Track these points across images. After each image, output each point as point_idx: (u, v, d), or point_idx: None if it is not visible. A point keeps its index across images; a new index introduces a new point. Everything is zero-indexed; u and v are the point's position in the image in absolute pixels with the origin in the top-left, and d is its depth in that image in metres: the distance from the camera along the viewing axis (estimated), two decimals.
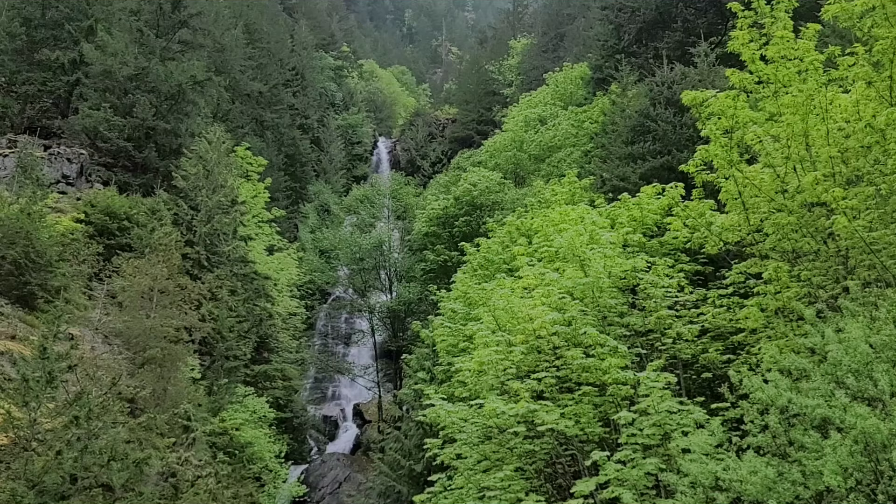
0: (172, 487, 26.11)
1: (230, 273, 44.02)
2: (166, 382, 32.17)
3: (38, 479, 20.29)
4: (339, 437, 54.58)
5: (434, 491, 23.79)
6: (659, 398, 18.63)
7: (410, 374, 39.52)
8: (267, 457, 40.99)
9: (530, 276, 23.71)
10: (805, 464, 13.43)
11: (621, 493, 18.07)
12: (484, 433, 22.60)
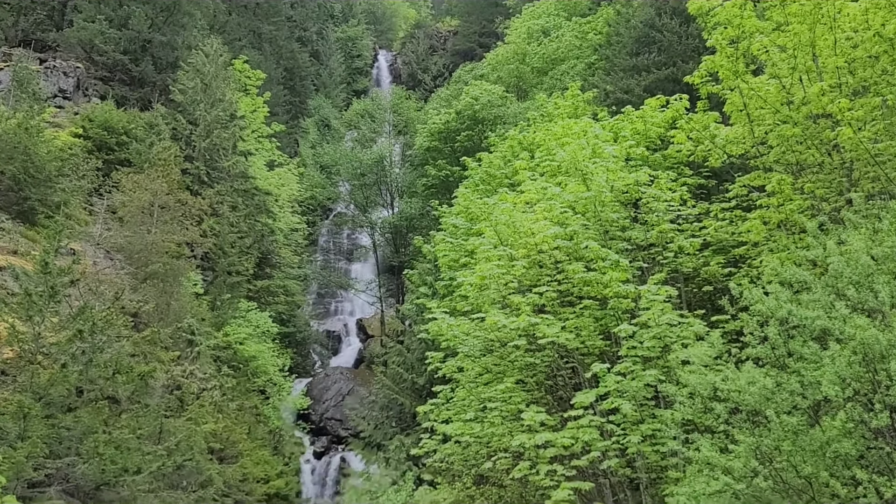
0: (178, 400, 26.54)
1: (231, 188, 43.94)
2: (169, 297, 32.42)
3: (44, 391, 20.60)
4: (342, 351, 55.16)
5: (436, 403, 24.18)
6: (660, 311, 18.76)
7: (412, 289, 39.81)
8: (271, 370, 41.55)
9: (532, 191, 23.63)
10: (803, 374, 13.58)
11: (621, 403, 18.35)
12: (485, 346, 22.83)
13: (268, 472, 33.51)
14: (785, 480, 13.90)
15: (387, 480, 30.61)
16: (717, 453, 14.51)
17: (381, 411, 38.87)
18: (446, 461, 24.47)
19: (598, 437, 18.63)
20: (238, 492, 29.79)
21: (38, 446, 19.26)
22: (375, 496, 29.11)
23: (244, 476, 30.80)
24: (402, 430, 36.57)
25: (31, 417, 19.69)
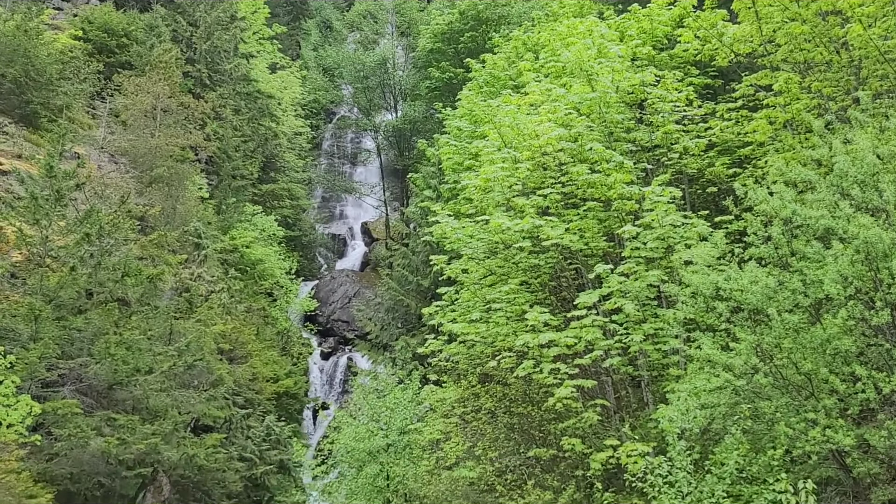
0: (187, 302, 26.78)
1: (233, 92, 43.45)
2: (175, 201, 32.42)
3: (54, 294, 20.77)
4: (347, 254, 55.44)
5: (441, 304, 24.37)
6: (663, 212, 18.71)
7: (417, 192, 39.71)
8: (278, 273, 41.83)
9: (536, 93, 23.31)
10: (806, 273, 13.62)
11: (623, 303, 18.49)
12: (489, 248, 22.88)
13: (277, 372, 34.07)
14: (785, 377, 14.08)
15: (393, 379, 31.09)
16: (718, 351, 14.67)
17: (386, 313, 39.26)
18: (451, 360, 24.82)
19: (600, 337, 18.83)
20: (248, 391, 30.35)
21: (50, 347, 19.53)
22: (382, 394, 29.60)
23: (254, 375, 31.32)
24: (408, 330, 37.01)
25: (42, 319, 19.91)
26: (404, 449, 26.95)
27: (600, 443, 18.77)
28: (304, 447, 31.56)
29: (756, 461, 15.11)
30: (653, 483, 14.90)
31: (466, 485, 22.41)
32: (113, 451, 19.38)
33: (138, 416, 20.96)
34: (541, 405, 20.65)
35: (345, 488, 27.51)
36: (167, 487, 22.86)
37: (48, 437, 19.28)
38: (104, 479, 20.03)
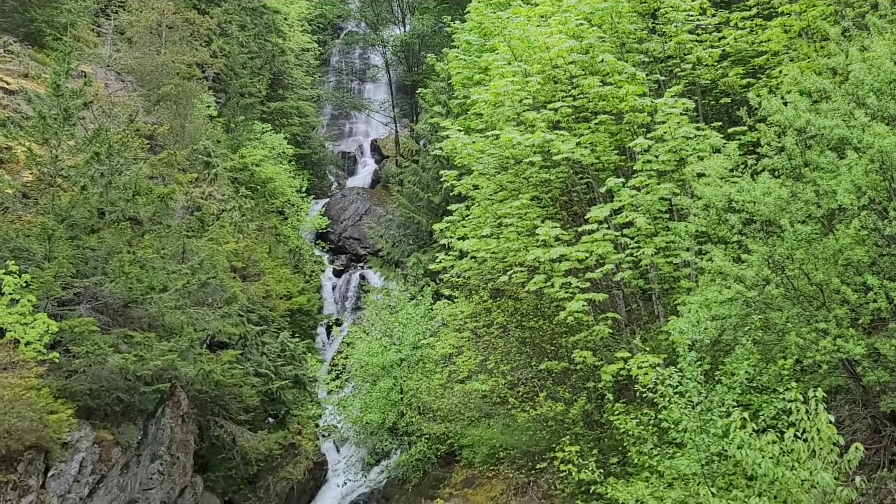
0: (198, 220, 26.81)
1: (238, 6, 42.78)
2: (183, 119, 32.21)
3: (66, 213, 20.82)
4: (357, 172, 55.30)
5: (452, 220, 24.40)
6: (676, 124, 18.51)
7: (426, 108, 39.35)
8: (288, 191, 41.81)
9: (547, 3, 22.84)
10: (819, 184, 13.51)
11: (635, 217, 18.44)
12: (500, 164, 22.76)
13: (290, 290, 34.33)
14: (796, 288, 14.11)
15: (405, 295, 31.35)
16: (729, 263, 14.68)
17: (398, 230, 39.35)
18: (463, 276, 24.96)
19: (611, 251, 18.86)
20: (262, 308, 30.63)
21: (64, 266, 19.66)
22: (395, 310, 29.89)
23: (267, 293, 31.57)
24: (419, 247, 37.14)
25: (55, 239, 20.00)
26: (417, 363, 27.33)
27: (611, 355, 18.96)
28: (319, 362, 32.02)
29: (766, 371, 15.26)
30: (663, 393, 15.06)
31: (479, 397, 22.79)
32: (131, 368, 19.64)
33: (154, 334, 21.17)
34: (552, 319, 20.80)
35: (359, 402, 28.00)
36: (185, 402, 23.26)
37: (66, 354, 19.55)
38: (123, 395, 20.36)
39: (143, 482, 21.79)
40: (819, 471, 11.32)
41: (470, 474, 24.50)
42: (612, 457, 18.57)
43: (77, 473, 19.16)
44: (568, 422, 19.45)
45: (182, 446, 23.05)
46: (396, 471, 27.38)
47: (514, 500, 22.35)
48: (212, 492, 25.21)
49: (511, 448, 22.40)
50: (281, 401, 28.36)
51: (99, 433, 20.05)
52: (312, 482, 29.18)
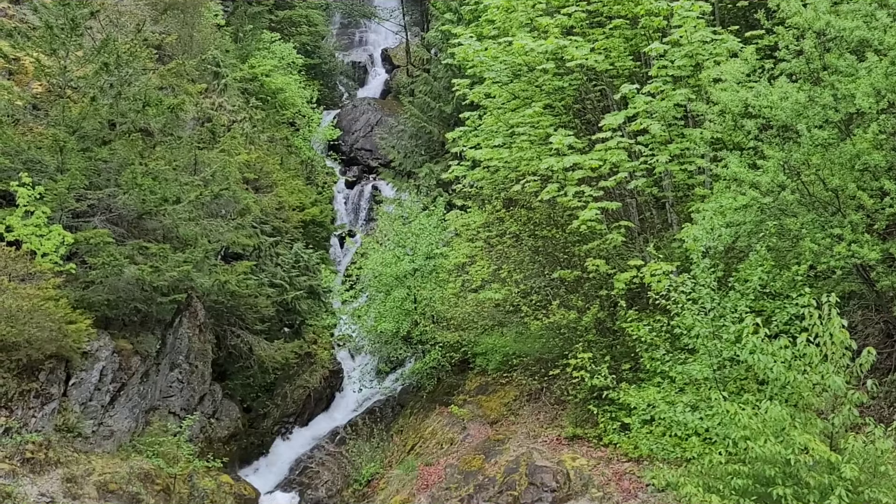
0: (209, 132, 26.68)
1: None
2: (191, 29, 31.77)
3: (76, 125, 20.74)
4: (368, 82, 54.61)
5: (464, 130, 24.17)
6: (692, 28, 18.13)
7: (437, 15, 38.65)
8: (299, 102, 41.39)
9: None
10: (837, 88, 13.30)
11: (649, 124, 18.24)
12: (513, 72, 22.44)
13: (302, 201, 34.33)
14: (812, 193, 14.03)
15: (418, 206, 31.30)
16: (745, 169, 14.57)
17: (409, 140, 39.09)
18: (475, 186, 24.88)
19: (625, 159, 18.71)
20: (275, 219, 30.69)
21: (77, 178, 19.70)
22: (408, 221, 29.88)
23: (280, 205, 31.60)
24: (431, 157, 36.93)
25: (67, 150, 19.98)
26: (430, 273, 27.44)
27: (624, 263, 18.99)
28: (333, 273, 32.15)
29: (779, 277, 15.29)
30: (676, 300, 15.14)
31: (492, 306, 22.94)
32: (147, 279, 19.84)
33: (169, 245, 21.31)
34: (565, 228, 20.78)
35: (373, 312, 28.23)
36: (202, 313, 23.53)
37: (83, 265, 19.74)
38: (140, 306, 20.62)
39: (163, 390, 22.24)
40: (831, 374, 11.41)
41: (483, 381, 24.85)
42: (625, 363, 18.77)
43: (98, 382, 19.56)
44: (580, 329, 19.61)
45: (200, 355, 23.41)
46: (411, 378, 27.79)
47: (527, 405, 22.71)
48: (230, 399, 25.70)
49: (524, 355, 22.66)
50: (296, 311, 28.67)
51: (118, 343, 20.38)
52: (328, 390, 29.69)
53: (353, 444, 25.43)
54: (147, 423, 21.20)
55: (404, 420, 26.74)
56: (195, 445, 21.69)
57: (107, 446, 19.49)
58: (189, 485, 20.31)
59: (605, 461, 18.57)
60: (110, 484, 17.90)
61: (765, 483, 11.45)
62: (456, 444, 22.24)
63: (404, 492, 20.98)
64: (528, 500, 18.08)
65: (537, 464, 18.94)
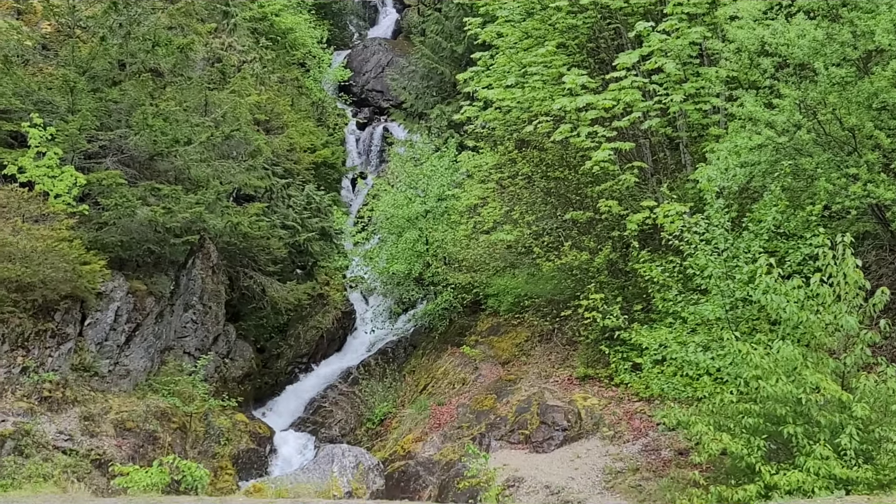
0: (219, 72, 26.51)
1: None
2: None
3: (87, 65, 20.62)
4: (379, 21, 53.96)
5: (476, 70, 23.96)
6: None
7: None
8: (309, 42, 40.96)
9: None
10: (857, 24, 13.06)
11: (664, 63, 18.03)
12: (525, 9, 22.18)
13: (313, 143, 34.18)
14: (828, 132, 13.88)
15: (429, 147, 31.15)
16: (760, 108, 14.41)
17: (421, 81, 38.76)
18: (487, 127, 24.73)
19: (639, 98, 18.54)
20: (286, 161, 30.60)
21: (88, 119, 19.64)
22: (419, 162, 29.77)
23: (291, 146, 31.47)
24: (443, 98, 36.65)
25: (77, 91, 19.90)
26: (442, 215, 27.42)
27: (637, 204, 18.93)
28: (345, 215, 32.12)
29: (794, 217, 15.22)
30: (689, 241, 15.10)
31: (504, 247, 22.95)
32: (160, 220, 19.88)
33: (181, 187, 21.30)
34: (578, 169, 20.68)
35: (385, 253, 28.28)
36: (215, 254, 23.63)
37: (95, 207, 19.78)
38: (154, 247, 20.69)
39: (177, 330, 22.44)
40: (844, 314, 11.42)
41: (495, 322, 24.98)
42: (637, 304, 18.82)
43: (113, 322, 19.73)
44: (592, 271, 19.62)
45: (213, 296, 23.57)
46: (423, 319, 27.94)
47: (539, 346, 22.84)
48: (244, 340, 25.94)
49: (536, 297, 22.72)
50: (308, 252, 28.75)
51: (132, 284, 20.50)
52: (341, 331, 29.90)
53: (365, 385, 25.70)
54: (162, 362, 21.44)
55: (416, 361, 26.95)
56: (210, 385, 21.95)
57: (123, 385, 19.72)
58: (205, 423, 20.60)
59: (615, 401, 18.73)
60: (127, 422, 18.17)
61: (775, 422, 11.53)
62: (468, 384, 22.45)
63: (417, 430, 21.25)
64: (539, 439, 18.30)
65: (549, 403, 19.12)
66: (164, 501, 10.61)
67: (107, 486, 15.38)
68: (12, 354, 16.98)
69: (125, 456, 17.10)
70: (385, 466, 19.67)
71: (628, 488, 14.98)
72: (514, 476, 16.48)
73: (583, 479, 15.89)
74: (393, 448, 21.22)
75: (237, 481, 19.98)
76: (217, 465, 20.10)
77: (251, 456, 21.36)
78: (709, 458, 12.33)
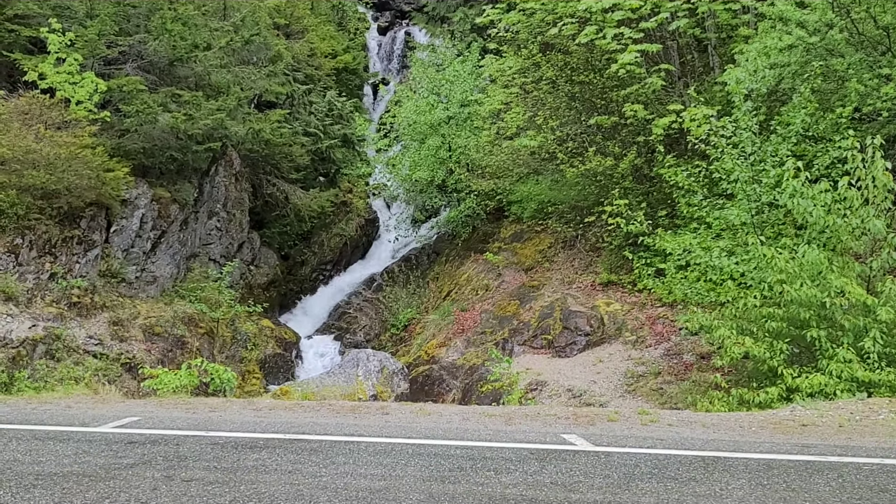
0: None
1: None
2: None
3: None
4: None
5: None
6: None
7: None
8: None
9: None
10: None
11: None
12: None
13: (334, 48, 33.82)
14: (861, 32, 13.52)
15: (452, 52, 30.70)
16: (792, 7, 14.03)
17: None
18: (511, 30, 24.24)
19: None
20: (307, 66, 30.35)
21: (107, 24, 19.48)
22: (441, 68, 29.39)
23: (311, 51, 31.16)
24: (466, 1, 35.95)
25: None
26: (465, 121, 27.20)
27: (663, 108, 18.65)
28: (367, 122, 31.94)
29: (823, 120, 14.95)
30: (716, 144, 14.91)
31: (527, 153, 22.78)
32: (181, 127, 19.87)
33: (202, 93, 21.22)
34: (603, 72, 20.32)
35: (408, 160, 28.20)
36: (237, 161, 23.68)
37: (117, 113, 19.77)
38: (176, 154, 20.75)
39: (202, 237, 22.66)
40: (871, 218, 11.31)
41: (518, 229, 25.01)
42: (661, 210, 18.72)
43: (138, 229, 19.93)
44: (617, 176, 19.48)
45: (237, 204, 23.71)
46: (446, 226, 28.03)
47: (562, 253, 22.90)
48: (268, 247, 26.18)
49: (559, 203, 22.66)
50: (331, 160, 28.74)
51: (156, 191, 20.64)
52: (364, 238, 30.10)
53: (389, 291, 25.96)
54: (188, 269, 21.72)
55: (440, 267, 27.14)
56: (236, 291, 22.27)
57: (150, 292, 20.05)
58: (231, 328, 20.97)
59: (638, 306, 18.83)
60: (155, 327, 18.52)
61: (799, 326, 11.55)
62: (491, 291, 22.62)
63: (441, 336, 21.53)
64: (562, 344, 18.49)
65: (571, 309, 19.26)
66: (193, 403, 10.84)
67: (137, 388, 15.77)
68: (40, 261, 17.24)
69: (154, 360, 17.49)
70: (409, 371, 20.01)
71: (650, 391, 15.16)
72: (537, 380, 16.72)
73: (604, 382, 16.10)
74: (417, 353, 21.55)
75: (265, 385, 20.44)
76: (244, 369, 20.54)
77: (277, 360, 21.79)
78: (731, 361, 12.40)
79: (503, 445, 7.77)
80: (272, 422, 9.22)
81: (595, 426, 9.15)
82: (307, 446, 7.60)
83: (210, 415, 9.87)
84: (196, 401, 11.24)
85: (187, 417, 9.61)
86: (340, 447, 7.57)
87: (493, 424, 9.21)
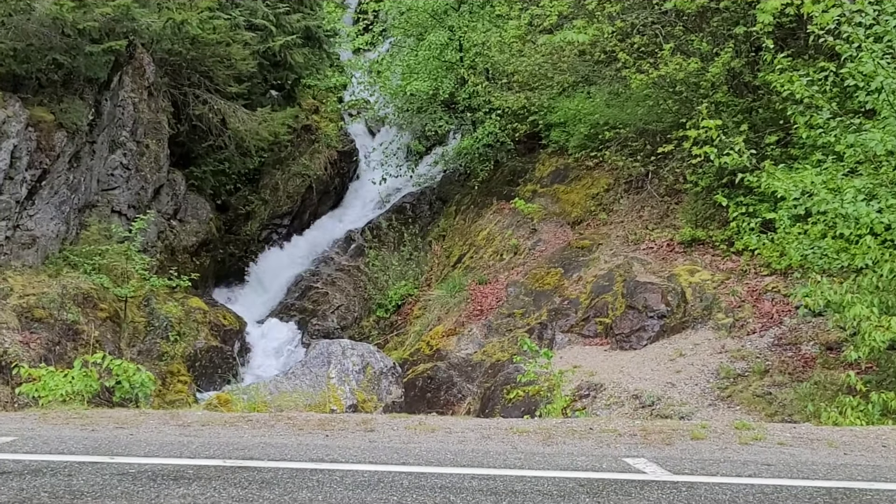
0: None
1: None
2: None
3: None
4: None
5: None
6: None
7: None
8: None
9: None
10: None
11: None
12: None
13: None
14: None
15: None
16: None
17: None
18: None
19: None
20: None
21: None
22: None
23: None
24: None
25: None
26: (483, 6, 27.03)
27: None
28: (340, 9, 31.83)
29: None
30: (850, 38, 14.80)
31: (574, 54, 22.69)
32: (68, 18, 19.75)
33: None
34: None
35: (400, 65, 28.09)
36: (150, 68, 23.63)
37: None
38: (62, 58, 20.65)
39: (101, 179, 22.64)
40: None
41: (561, 164, 24.98)
42: (770, 135, 18.66)
43: (8, 168, 19.85)
44: (705, 86, 19.43)
45: (151, 130, 23.70)
46: (456, 162, 28.00)
47: (625, 198, 22.89)
48: (198, 193, 26.18)
49: (621, 126, 22.59)
50: (287, 65, 28.67)
51: (34, 112, 20.58)
52: (338, 179, 30.13)
53: (374, 256, 26.02)
54: (82, 225, 21.75)
55: (447, 221, 27.17)
56: (152, 257, 22.34)
57: (27, 258, 20.09)
58: (146, 311, 21.07)
59: (736, 275, 18.84)
60: (36, 309, 18.60)
61: None
62: (522, 254, 22.67)
63: (449, 320, 21.58)
64: (625, 330, 18.53)
65: (639, 280, 19.30)
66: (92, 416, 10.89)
67: (11, 397, 15.87)
68: None
69: (35, 356, 17.57)
70: (404, 370, 20.07)
71: (752, 397, 15.22)
72: (589, 382, 16.79)
73: (687, 385, 16.16)
74: (415, 345, 21.64)
75: (194, 391, 20.55)
76: (166, 369, 20.67)
77: (213, 357, 21.93)
78: (871, 354, 12.42)
79: (540, 475, 7.82)
80: (206, 443, 9.28)
81: (673, 446, 9.20)
82: (256, 477, 7.66)
83: (116, 433, 9.94)
84: (96, 413, 11.31)
85: (84, 437, 9.68)
86: (304, 478, 7.63)
87: (525, 445, 9.27)
